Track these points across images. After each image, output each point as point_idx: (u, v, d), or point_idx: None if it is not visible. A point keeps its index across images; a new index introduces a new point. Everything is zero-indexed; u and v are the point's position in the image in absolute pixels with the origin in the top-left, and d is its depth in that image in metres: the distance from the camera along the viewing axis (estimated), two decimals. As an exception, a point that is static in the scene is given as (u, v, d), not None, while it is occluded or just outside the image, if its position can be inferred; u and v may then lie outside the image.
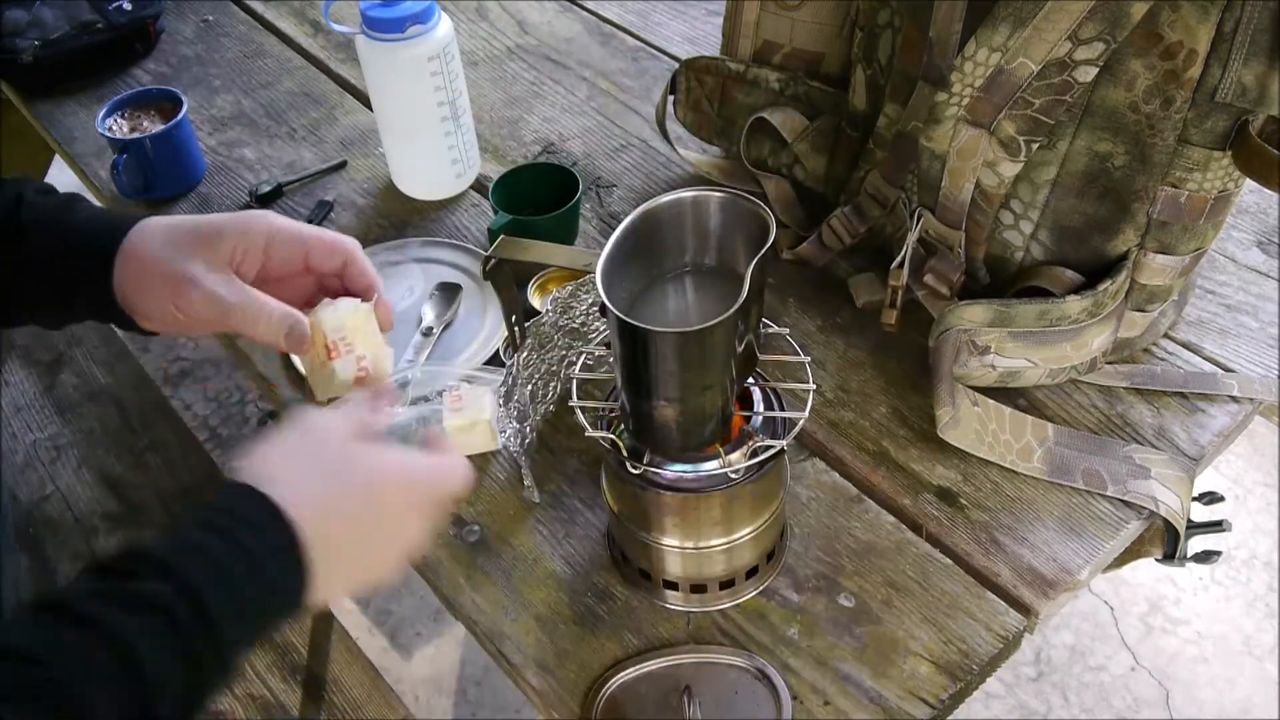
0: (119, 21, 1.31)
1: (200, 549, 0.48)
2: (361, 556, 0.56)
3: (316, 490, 0.54)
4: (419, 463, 0.59)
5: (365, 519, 0.55)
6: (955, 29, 0.78)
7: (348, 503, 0.55)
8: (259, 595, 0.50)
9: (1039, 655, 1.69)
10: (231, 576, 0.48)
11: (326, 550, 0.52)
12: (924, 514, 0.80)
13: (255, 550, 0.49)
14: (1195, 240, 0.81)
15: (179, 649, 0.46)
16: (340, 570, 0.54)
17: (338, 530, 0.54)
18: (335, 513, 0.54)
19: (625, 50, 1.32)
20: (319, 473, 0.55)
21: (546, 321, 0.83)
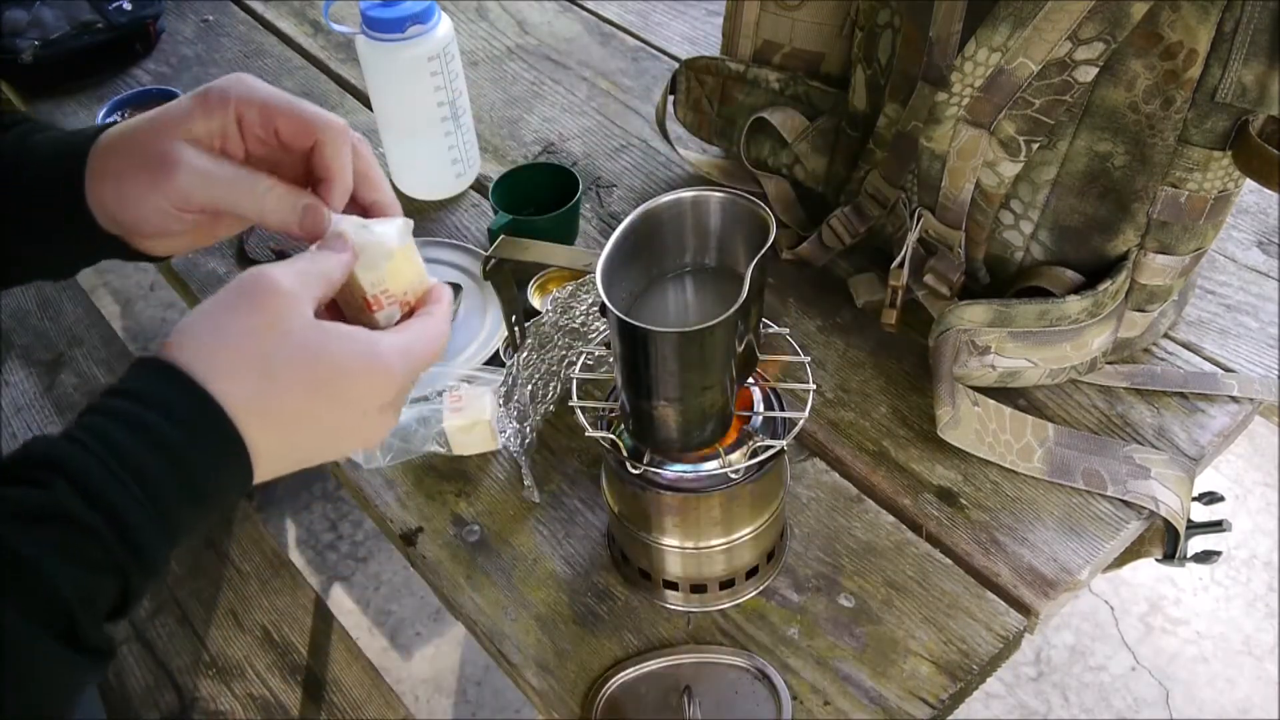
0: (119, 21, 1.31)
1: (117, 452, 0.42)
2: (304, 444, 0.49)
3: (251, 374, 0.46)
4: (380, 347, 0.49)
5: (314, 410, 0.48)
6: (955, 29, 0.78)
7: (291, 394, 0.47)
8: (189, 499, 0.44)
9: (1039, 655, 1.69)
10: (154, 482, 0.43)
11: (266, 442, 0.46)
12: (924, 514, 0.80)
13: (188, 454, 0.44)
14: (1195, 240, 0.81)
15: (96, 562, 0.41)
16: (281, 458, 0.48)
17: (281, 421, 0.47)
18: (276, 404, 0.46)
19: (625, 50, 1.32)
20: (250, 354, 0.46)
21: (546, 321, 0.83)
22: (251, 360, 0.46)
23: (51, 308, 1.50)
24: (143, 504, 0.42)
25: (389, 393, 0.50)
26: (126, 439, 0.43)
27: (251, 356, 0.46)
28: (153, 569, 0.43)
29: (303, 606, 1.20)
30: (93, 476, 0.41)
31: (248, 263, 1.06)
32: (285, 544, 1.87)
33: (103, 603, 0.42)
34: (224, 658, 1.15)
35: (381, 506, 0.85)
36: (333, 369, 0.47)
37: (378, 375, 0.49)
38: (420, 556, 0.81)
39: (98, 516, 0.41)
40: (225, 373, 0.45)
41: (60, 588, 0.40)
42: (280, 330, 0.46)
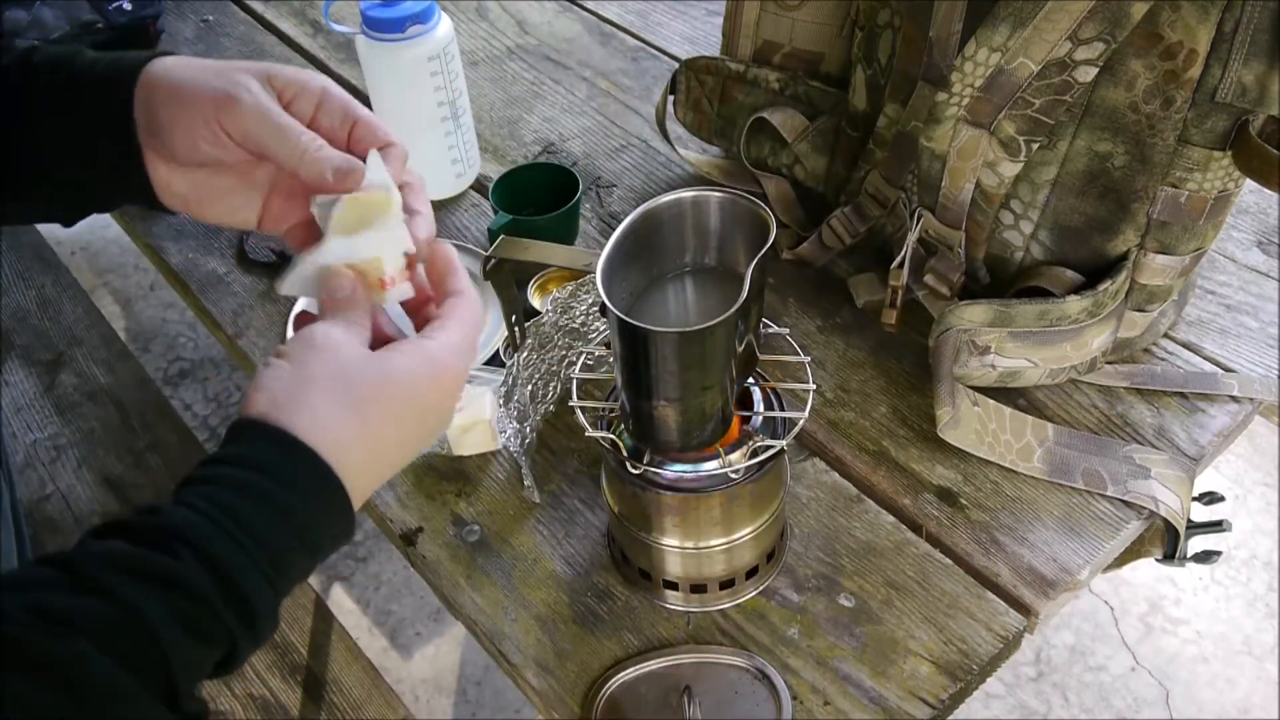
0: (119, 21, 1.31)
1: (238, 520, 0.44)
2: (392, 464, 0.52)
3: (348, 419, 0.48)
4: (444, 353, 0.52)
5: (398, 435, 0.51)
6: (955, 29, 0.78)
7: (381, 425, 0.49)
8: (302, 550, 0.46)
9: (1039, 655, 1.69)
10: (272, 544, 0.44)
11: (361, 478, 0.49)
12: (924, 514, 0.80)
13: (297, 508, 0.45)
14: (1195, 240, 0.81)
15: (207, 634, 0.42)
16: (371, 483, 0.51)
17: (367, 453, 0.49)
18: (369, 439, 0.49)
19: (625, 50, 1.32)
20: (345, 398, 0.49)
21: (546, 321, 0.83)
22: (341, 407, 0.48)
23: (51, 308, 1.50)
24: (263, 570, 0.44)
25: (457, 388, 0.54)
26: (247, 507, 0.44)
27: (340, 404, 0.48)
28: (262, 636, 0.45)
29: (303, 606, 1.20)
30: (217, 547, 0.43)
31: (247, 263, 1.06)
32: (285, 544, 1.87)
33: (207, 668, 0.44)
34: (224, 658, 1.15)
35: (381, 506, 0.85)
36: (408, 389, 0.51)
37: (446, 378, 0.52)
38: (420, 556, 0.81)
39: (219, 591, 0.42)
40: (323, 425, 0.47)
41: (170, 656, 0.41)
42: (353, 373, 0.50)
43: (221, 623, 0.43)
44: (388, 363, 0.50)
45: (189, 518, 0.43)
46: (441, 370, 0.52)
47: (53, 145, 0.58)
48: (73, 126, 0.58)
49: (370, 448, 0.49)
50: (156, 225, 1.12)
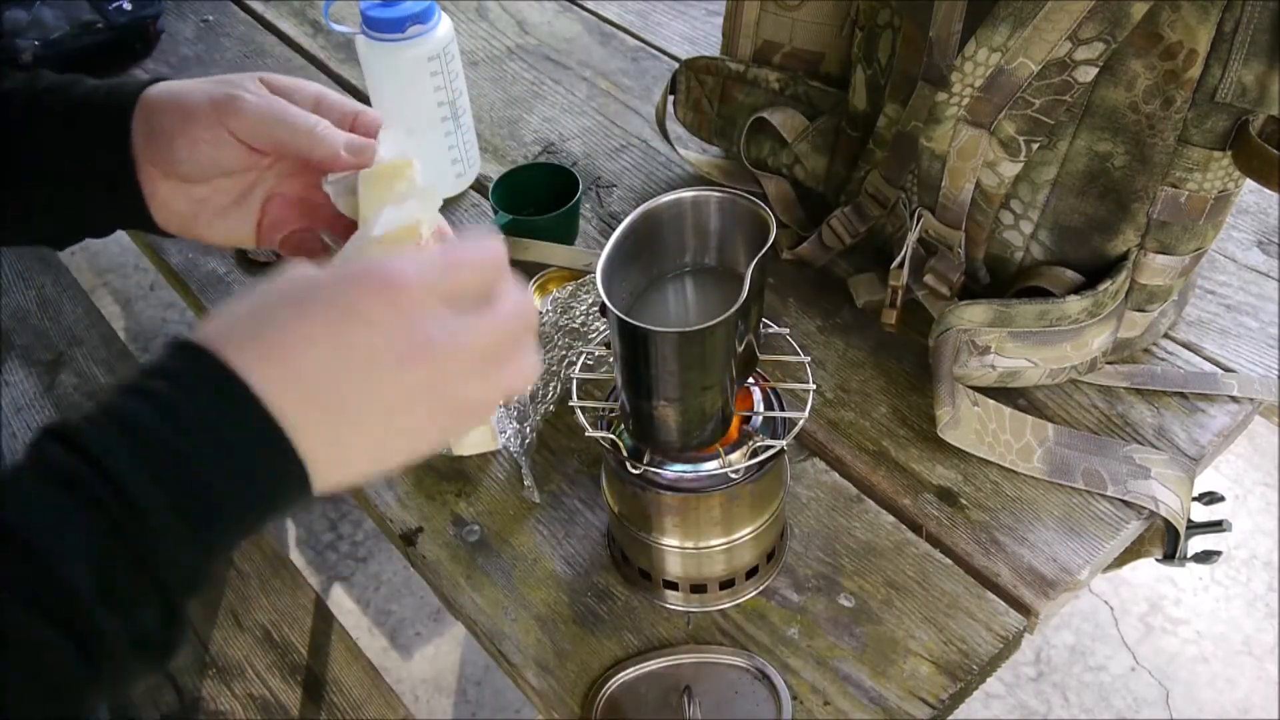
0: (119, 21, 1.31)
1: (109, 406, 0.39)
2: (362, 389, 0.42)
3: (251, 320, 0.41)
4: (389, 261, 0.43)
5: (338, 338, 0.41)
6: (955, 29, 0.78)
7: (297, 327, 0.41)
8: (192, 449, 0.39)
9: (1039, 655, 1.69)
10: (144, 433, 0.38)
11: (302, 392, 0.41)
12: (924, 514, 0.80)
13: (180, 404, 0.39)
14: (1195, 240, 0.81)
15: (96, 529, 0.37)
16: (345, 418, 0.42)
17: (309, 360, 0.41)
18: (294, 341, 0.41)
19: (625, 50, 1.32)
20: (260, 301, 0.42)
21: (546, 321, 0.83)
22: (244, 305, 0.43)
23: (51, 308, 1.50)
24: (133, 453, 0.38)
25: (400, 305, 0.42)
26: (116, 396, 0.40)
27: (245, 304, 0.43)
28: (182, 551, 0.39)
29: (303, 606, 1.20)
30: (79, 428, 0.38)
31: (248, 263, 1.06)
32: (285, 544, 1.88)
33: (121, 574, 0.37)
34: (224, 658, 1.15)
35: (381, 506, 0.85)
36: (325, 285, 0.42)
37: (372, 278, 0.42)
38: (420, 556, 0.81)
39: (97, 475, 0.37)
40: (216, 328, 0.41)
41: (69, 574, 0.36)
42: (282, 282, 0.43)
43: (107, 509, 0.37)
44: (318, 270, 0.43)
45: (70, 418, 0.39)
46: (373, 270, 0.42)
47: (49, 168, 0.59)
48: (70, 150, 0.58)
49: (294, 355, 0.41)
50: (156, 225, 1.12)
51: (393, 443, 0.44)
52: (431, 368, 0.43)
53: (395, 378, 0.42)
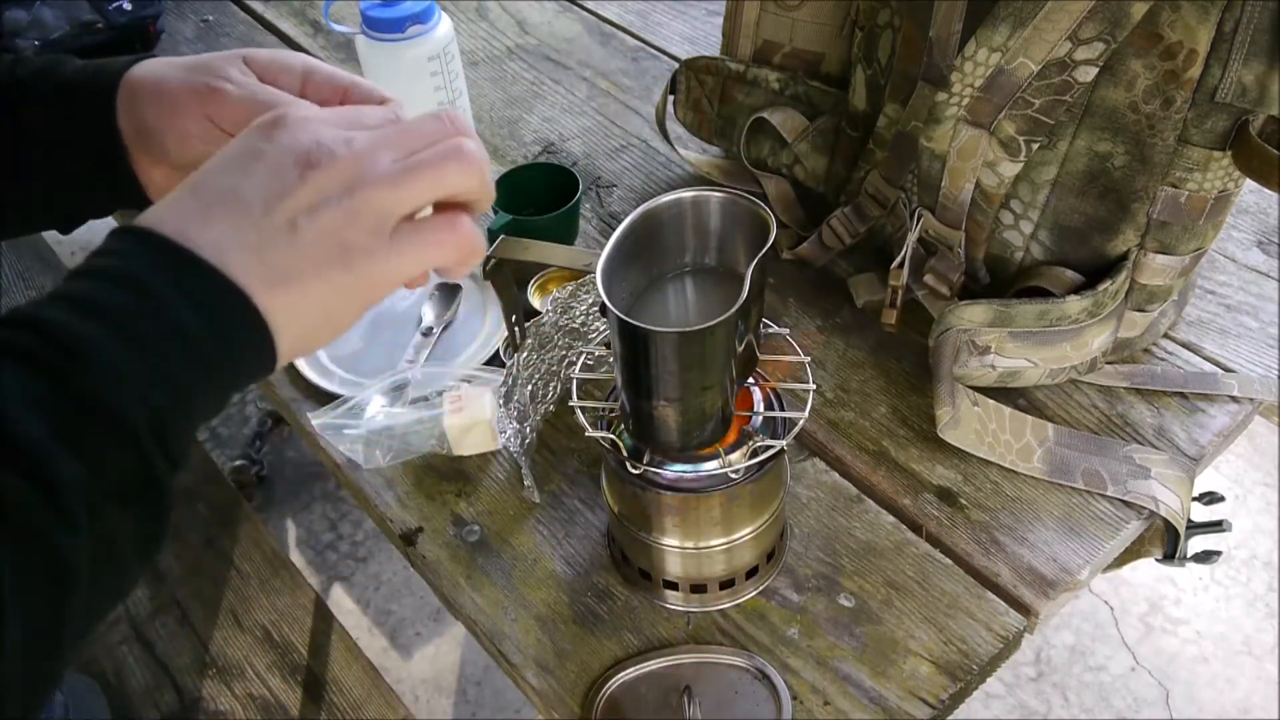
0: (119, 21, 1.31)
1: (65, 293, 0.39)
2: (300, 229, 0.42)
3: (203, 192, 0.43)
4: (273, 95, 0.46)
5: (223, 172, 0.43)
6: (955, 29, 0.78)
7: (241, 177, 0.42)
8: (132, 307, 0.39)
9: (1039, 655, 1.69)
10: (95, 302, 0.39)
11: (188, 208, 0.42)
12: (924, 514, 0.80)
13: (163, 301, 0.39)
14: (1195, 240, 0.81)
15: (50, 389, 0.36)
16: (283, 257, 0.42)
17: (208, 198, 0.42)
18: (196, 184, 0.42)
19: (625, 50, 1.32)
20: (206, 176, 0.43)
21: (546, 321, 0.83)
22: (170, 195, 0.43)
23: (51, 308, 1.50)
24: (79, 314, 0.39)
25: (296, 124, 0.44)
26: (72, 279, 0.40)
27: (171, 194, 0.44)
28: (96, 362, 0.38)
29: (303, 606, 1.20)
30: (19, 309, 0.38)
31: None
32: (285, 544, 1.88)
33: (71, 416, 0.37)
34: (224, 658, 1.16)
35: (381, 506, 0.85)
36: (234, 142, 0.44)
37: (265, 118, 0.44)
38: (420, 556, 0.81)
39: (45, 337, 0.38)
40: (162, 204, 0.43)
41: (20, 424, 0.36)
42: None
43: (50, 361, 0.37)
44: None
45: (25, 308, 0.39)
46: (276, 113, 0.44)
47: (40, 154, 0.58)
48: (59, 134, 0.57)
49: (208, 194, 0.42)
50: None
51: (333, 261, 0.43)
52: (333, 167, 0.43)
53: (302, 185, 0.42)
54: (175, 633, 1.18)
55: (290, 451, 2.00)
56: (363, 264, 0.43)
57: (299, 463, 1.99)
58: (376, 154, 0.44)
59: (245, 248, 0.41)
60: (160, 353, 0.39)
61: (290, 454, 2.00)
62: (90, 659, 1.17)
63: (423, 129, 0.46)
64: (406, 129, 0.45)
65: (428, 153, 0.45)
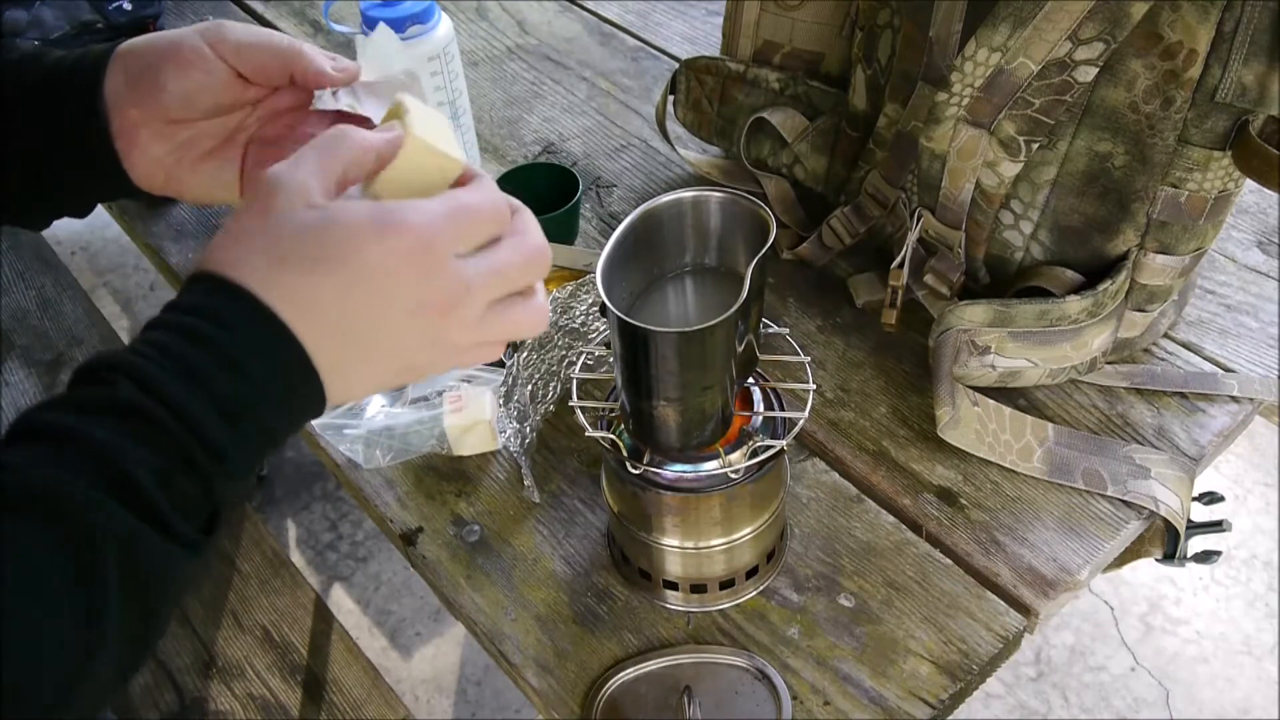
0: (119, 21, 1.31)
1: (162, 349, 0.42)
2: (364, 325, 0.45)
3: (261, 255, 0.44)
4: (404, 206, 0.46)
5: (338, 280, 0.44)
6: (955, 29, 0.78)
7: (304, 264, 0.44)
8: (247, 389, 0.43)
9: (1039, 655, 1.69)
10: (201, 373, 0.42)
11: (319, 330, 0.44)
12: (924, 514, 0.80)
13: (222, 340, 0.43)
14: (1195, 240, 0.81)
15: (164, 449, 0.41)
16: (345, 350, 0.45)
17: (310, 298, 0.44)
18: (292, 278, 0.44)
19: (625, 50, 1.32)
20: (259, 242, 0.45)
21: (546, 321, 0.83)
22: (263, 248, 0.44)
23: (51, 308, 1.50)
24: (196, 394, 0.42)
25: (422, 257, 0.45)
26: (172, 339, 0.43)
27: (263, 245, 0.45)
28: (231, 470, 0.43)
29: (303, 606, 1.20)
30: (150, 373, 0.42)
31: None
32: (285, 544, 1.88)
33: (188, 495, 0.42)
34: (224, 658, 1.16)
35: (381, 506, 0.85)
36: (343, 233, 0.45)
37: (392, 232, 0.45)
38: (420, 556, 0.81)
39: (161, 408, 0.41)
40: (238, 262, 0.44)
41: (135, 472, 0.40)
42: (287, 215, 0.45)
43: (170, 436, 0.41)
44: (328, 211, 0.45)
45: (122, 355, 0.42)
46: (390, 225, 0.45)
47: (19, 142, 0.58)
48: (40, 117, 0.57)
49: (306, 296, 0.44)
50: (156, 225, 1.12)
51: (395, 375, 0.48)
52: (443, 320, 0.47)
53: (405, 325, 0.46)
54: (175, 633, 1.18)
55: (290, 451, 2.01)
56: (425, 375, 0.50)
57: (299, 463, 1.99)
58: (475, 307, 0.48)
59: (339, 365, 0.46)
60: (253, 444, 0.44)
61: (290, 454, 2.00)
62: (90, 659, 1.17)
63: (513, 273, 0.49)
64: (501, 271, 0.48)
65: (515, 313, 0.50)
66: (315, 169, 0.46)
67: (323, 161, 0.46)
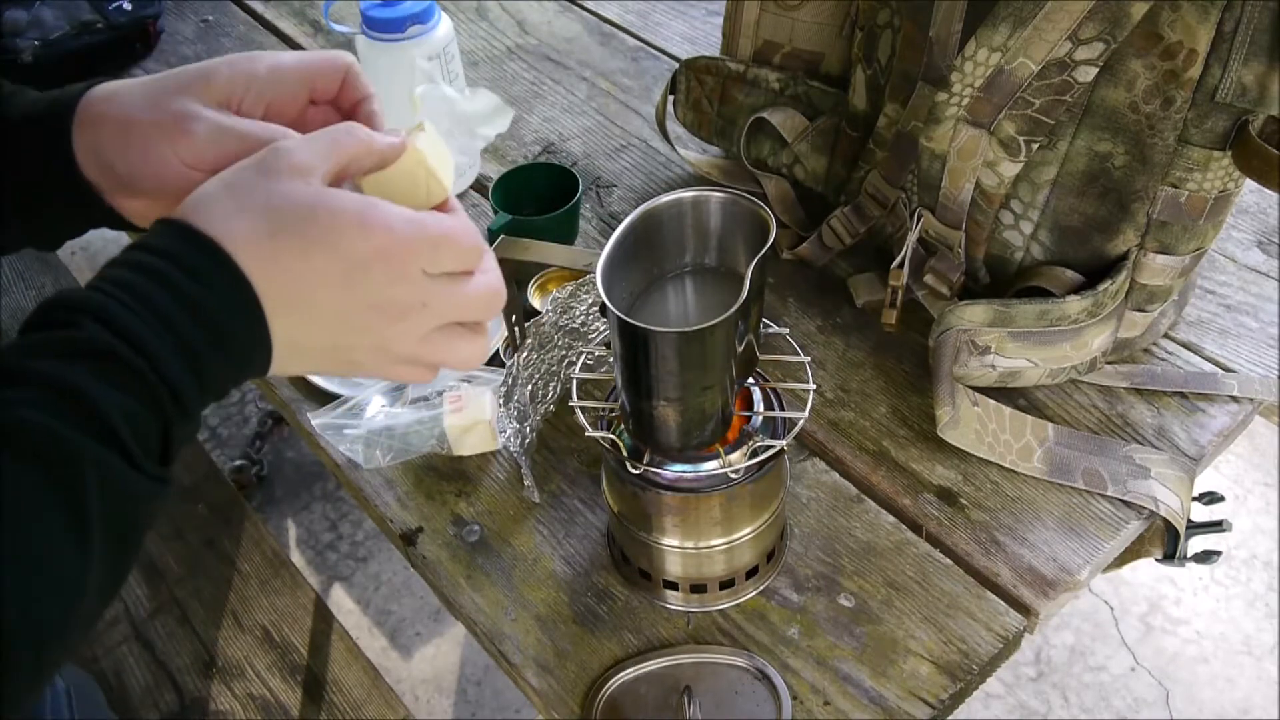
0: (119, 21, 1.31)
1: (136, 295, 0.43)
2: (324, 309, 0.47)
3: (247, 217, 0.45)
4: (395, 212, 0.48)
5: (316, 261, 0.46)
6: (955, 29, 0.78)
7: (287, 237, 0.45)
8: (211, 345, 0.44)
9: (1039, 655, 1.69)
10: (175, 324, 0.43)
11: (276, 294, 0.46)
12: (924, 514, 0.80)
13: (197, 294, 0.44)
14: (1195, 240, 0.81)
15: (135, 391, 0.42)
16: (301, 325, 0.47)
17: (283, 270, 0.46)
18: (275, 247, 0.45)
19: (625, 50, 1.32)
20: (249, 202, 0.46)
21: (546, 321, 0.83)
22: (251, 207, 0.46)
23: (51, 308, 1.50)
24: (164, 338, 0.43)
25: (395, 261, 0.47)
26: (141, 281, 0.44)
27: (252, 204, 0.46)
28: (187, 413, 0.44)
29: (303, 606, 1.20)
30: (117, 315, 0.42)
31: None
32: (285, 544, 1.88)
33: (150, 434, 0.43)
34: (224, 658, 1.16)
35: (381, 506, 0.85)
36: (329, 217, 0.46)
37: (375, 230, 0.47)
38: (420, 556, 0.81)
39: (128, 349, 0.42)
40: (224, 216, 0.45)
41: (109, 412, 0.41)
42: (283, 184, 0.46)
43: (143, 380, 0.42)
44: (322, 192, 0.47)
45: (87, 294, 0.43)
46: (375, 222, 0.47)
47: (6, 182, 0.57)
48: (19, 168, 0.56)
49: (281, 267, 0.46)
50: (156, 225, 1.12)
51: (333, 364, 0.50)
52: (393, 325, 0.49)
53: (358, 317, 0.48)
54: (175, 633, 1.18)
55: (290, 451, 2.00)
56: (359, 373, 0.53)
57: (299, 463, 1.99)
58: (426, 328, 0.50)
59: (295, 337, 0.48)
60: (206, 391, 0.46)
61: (290, 454, 2.00)
62: (90, 659, 1.17)
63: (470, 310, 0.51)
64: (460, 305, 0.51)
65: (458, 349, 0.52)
66: (323, 153, 0.48)
67: (332, 149, 0.48)
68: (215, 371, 0.45)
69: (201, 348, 0.44)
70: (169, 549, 1.29)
